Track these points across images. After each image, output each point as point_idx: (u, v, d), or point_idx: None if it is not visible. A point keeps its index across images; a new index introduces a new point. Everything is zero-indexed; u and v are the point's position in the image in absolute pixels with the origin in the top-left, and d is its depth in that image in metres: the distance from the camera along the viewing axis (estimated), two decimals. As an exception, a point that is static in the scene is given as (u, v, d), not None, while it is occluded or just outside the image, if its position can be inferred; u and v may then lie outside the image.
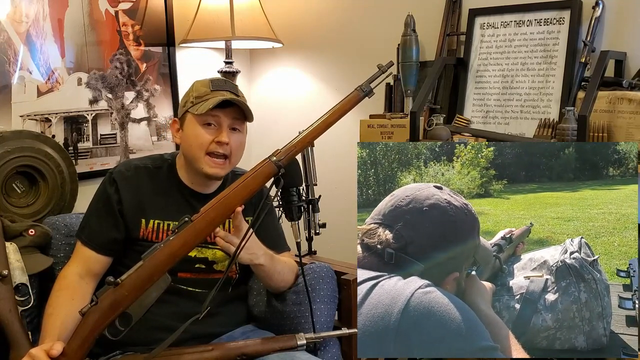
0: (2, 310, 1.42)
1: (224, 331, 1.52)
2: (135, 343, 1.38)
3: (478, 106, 2.00)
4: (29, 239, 1.59)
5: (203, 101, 1.44)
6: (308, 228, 1.93)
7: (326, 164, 2.01)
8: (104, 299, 1.22)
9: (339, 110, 1.31)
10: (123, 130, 2.26)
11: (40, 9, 1.98)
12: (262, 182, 1.28)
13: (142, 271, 1.22)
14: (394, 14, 2.16)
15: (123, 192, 1.50)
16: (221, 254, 1.53)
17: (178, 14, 2.39)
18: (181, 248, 1.24)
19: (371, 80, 1.33)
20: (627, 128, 1.62)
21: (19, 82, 1.95)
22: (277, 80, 2.67)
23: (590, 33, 1.75)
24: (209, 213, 1.26)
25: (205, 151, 1.45)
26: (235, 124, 1.48)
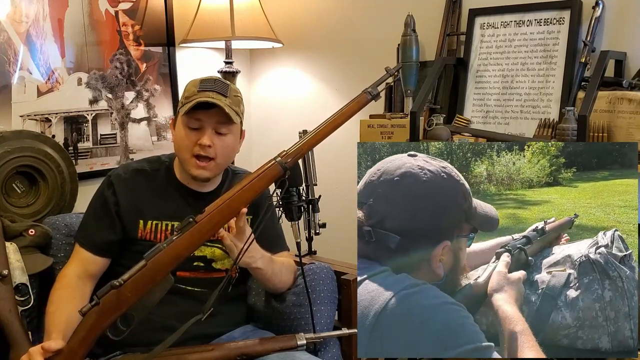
0: (2, 310, 1.42)
1: (224, 331, 1.52)
2: (135, 343, 1.38)
3: (478, 106, 2.00)
4: (29, 239, 1.59)
5: (189, 102, 1.43)
6: (308, 228, 1.93)
7: (326, 164, 2.00)
8: (106, 299, 1.21)
9: (347, 112, 1.31)
10: (123, 130, 2.26)
11: (40, 9, 1.98)
12: (267, 183, 1.27)
13: (146, 272, 1.21)
14: (394, 14, 2.16)
15: (120, 194, 1.50)
16: (220, 252, 1.53)
17: (178, 14, 2.39)
18: (185, 249, 1.24)
19: (378, 84, 1.33)
20: (627, 128, 1.62)
21: (19, 82, 1.95)
22: (277, 80, 2.67)
23: (590, 33, 1.75)
24: (214, 214, 1.24)
25: (190, 153, 1.45)
26: (219, 128, 1.45)
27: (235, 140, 1.52)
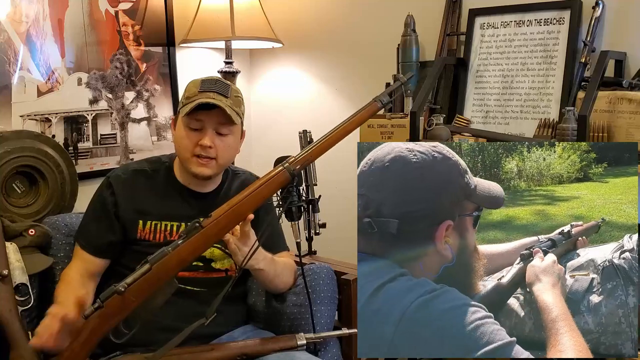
0: (2, 310, 1.42)
1: (224, 331, 1.52)
2: (135, 343, 1.37)
3: (478, 106, 2.00)
4: (29, 239, 1.59)
5: (190, 102, 1.43)
6: (308, 228, 1.93)
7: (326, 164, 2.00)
8: (110, 303, 1.20)
9: (357, 120, 1.31)
10: (123, 130, 2.26)
11: (40, 9, 1.98)
12: (275, 189, 1.27)
13: (151, 277, 1.20)
14: (394, 14, 2.16)
15: (119, 195, 1.50)
16: (219, 252, 1.53)
17: (178, 14, 2.39)
18: (190, 254, 1.23)
19: (389, 92, 1.32)
20: (627, 128, 1.62)
21: (19, 82, 1.95)
22: (277, 80, 2.67)
23: (590, 33, 1.75)
24: (221, 220, 1.24)
25: (191, 153, 1.45)
26: (220, 129, 1.46)
27: (236, 140, 1.52)
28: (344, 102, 2.40)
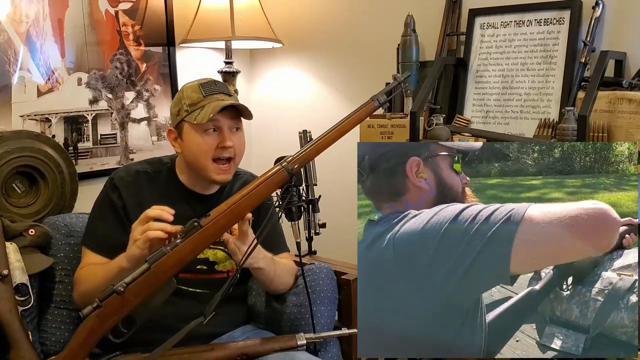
0: (2, 310, 1.42)
1: (224, 331, 1.52)
2: (135, 343, 1.37)
3: (478, 106, 2.00)
4: (29, 239, 1.59)
5: (199, 109, 1.43)
6: (308, 228, 1.93)
7: (326, 164, 2.00)
8: (108, 302, 1.20)
9: (354, 119, 1.31)
10: (123, 130, 2.26)
11: (40, 9, 1.98)
12: (273, 189, 1.27)
13: (150, 276, 1.20)
14: (394, 14, 2.16)
15: (126, 198, 1.49)
16: (222, 254, 1.53)
17: (178, 14, 2.39)
18: (189, 253, 1.23)
19: (387, 91, 1.32)
20: (627, 128, 1.62)
21: (19, 82, 1.95)
22: (277, 80, 2.67)
23: (590, 33, 1.75)
24: (219, 219, 1.24)
25: (211, 158, 1.45)
26: (233, 126, 1.47)
27: (244, 134, 1.53)
28: (344, 102, 2.40)
